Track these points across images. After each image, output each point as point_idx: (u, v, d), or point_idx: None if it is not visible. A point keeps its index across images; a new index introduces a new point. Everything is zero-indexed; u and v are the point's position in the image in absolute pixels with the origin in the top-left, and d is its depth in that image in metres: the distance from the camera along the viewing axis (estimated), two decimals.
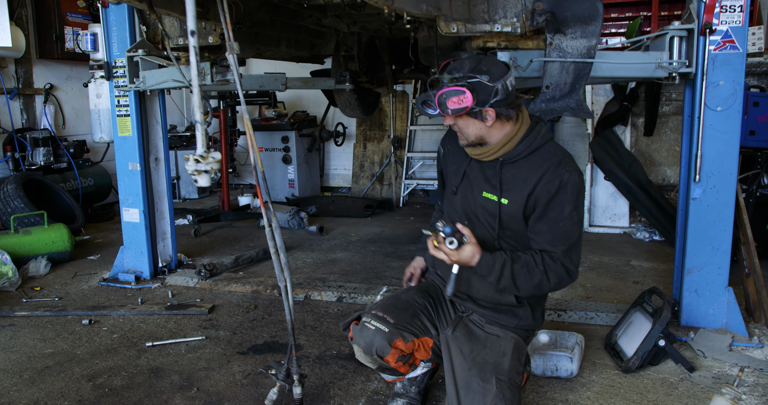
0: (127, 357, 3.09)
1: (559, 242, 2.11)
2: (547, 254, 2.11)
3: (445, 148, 2.47)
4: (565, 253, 2.11)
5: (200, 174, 1.63)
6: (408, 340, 2.23)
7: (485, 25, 2.67)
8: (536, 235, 2.15)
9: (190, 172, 1.63)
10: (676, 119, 5.58)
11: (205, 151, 1.66)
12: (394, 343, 2.19)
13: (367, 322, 2.24)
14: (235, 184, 8.12)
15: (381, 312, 2.27)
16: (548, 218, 2.11)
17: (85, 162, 6.45)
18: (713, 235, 3.21)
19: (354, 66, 4.83)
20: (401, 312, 2.30)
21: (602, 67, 2.89)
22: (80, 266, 4.75)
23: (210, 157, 1.63)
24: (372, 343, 2.19)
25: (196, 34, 1.72)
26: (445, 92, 2.00)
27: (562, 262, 2.10)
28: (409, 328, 2.26)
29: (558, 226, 2.11)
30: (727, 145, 3.12)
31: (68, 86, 6.93)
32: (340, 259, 4.90)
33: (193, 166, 1.62)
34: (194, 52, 1.72)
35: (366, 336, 2.20)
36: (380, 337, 2.18)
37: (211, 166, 1.63)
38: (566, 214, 2.10)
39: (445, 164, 2.48)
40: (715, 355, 3.00)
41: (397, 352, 2.21)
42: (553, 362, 2.79)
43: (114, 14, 3.99)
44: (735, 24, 3.01)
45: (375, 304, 2.37)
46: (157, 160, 4.32)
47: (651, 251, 5.01)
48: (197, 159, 1.61)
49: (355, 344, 2.25)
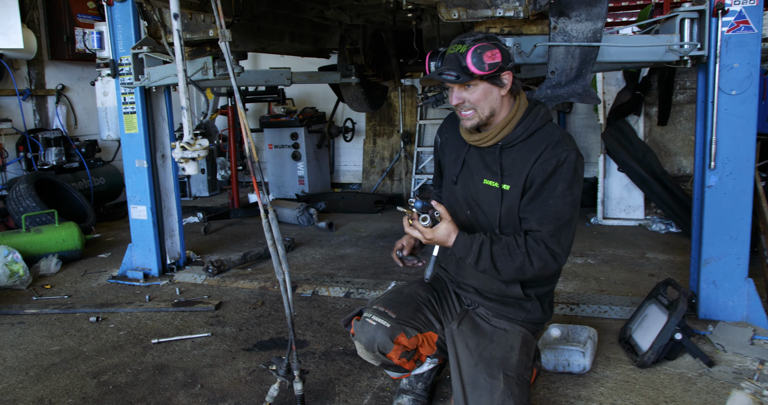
0: (133, 354, 3.08)
1: (546, 221, 2.01)
2: (532, 236, 2.02)
3: (443, 137, 2.40)
4: (551, 234, 2.00)
5: (187, 161, 1.58)
6: (411, 335, 2.16)
7: (487, 10, 2.60)
8: (526, 213, 2.06)
9: (177, 160, 1.59)
10: (690, 108, 5.44)
11: (192, 137, 1.61)
12: (397, 339, 2.12)
13: (368, 317, 2.17)
14: (246, 181, 8.11)
15: (382, 307, 2.20)
16: (540, 197, 2.03)
17: (96, 161, 6.48)
18: (731, 224, 3.10)
19: (360, 59, 4.77)
20: (403, 306, 2.22)
21: (609, 51, 2.79)
22: (90, 264, 4.76)
23: (197, 143, 1.58)
24: (373, 339, 2.12)
25: (180, 18, 1.67)
26: (480, 46, 1.95)
27: (547, 244, 2.00)
28: (412, 323, 2.19)
29: (548, 204, 2.02)
30: (743, 129, 3.01)
31: (80, 86, 6.97)
32: (349, 255, 4.85)
33: (180, 154, 1.58)
34: (178, 35, 1.68)
35: (367, 332, 2.13)
36: (382, 333, 2.11)
37: (198, 153, 1.58)
38: (558, 193, 2.01)
39: (442, 154, 2.40)
40: (735, 349, 2.89)
41: (400, 348, 2.14)
42: (564, 357, 2.71)
43: (119, 12, 3.98)
44: (749, 3, 2.90)
45: (377, 299, 2.29)
46: (164, 157, 4.31)
47: (667, 243, 4.89)
48: (184, 146, 1.56)
49: (357, 340, 2.18)
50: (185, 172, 1.65)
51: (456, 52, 2.00)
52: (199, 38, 3.20)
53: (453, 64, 2.00)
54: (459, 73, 1.97)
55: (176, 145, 1.60)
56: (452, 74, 1.97)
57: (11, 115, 6.22)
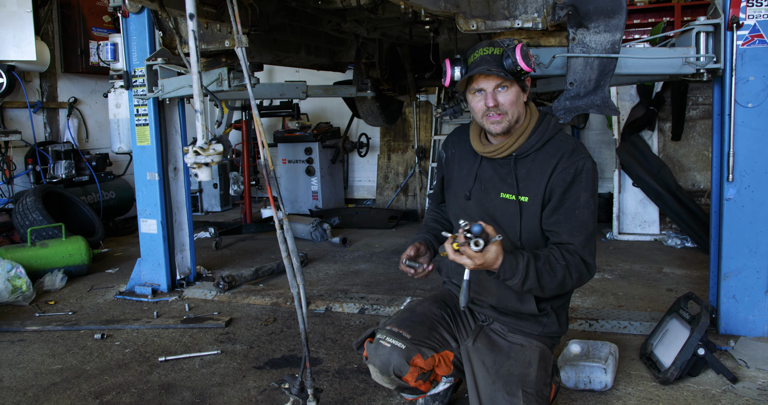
0: (138, 373, 3.01)
1: (577, 232, 1.98)
2: (564, 248, 1.98)
3: (449, 152, 2.35)
4: (583, 245, 1.98)
5: (200, 167, 1.54)
6: (427, 356, 2.08)
7: (505, 21, 2.58)
8: (553, 226, 2.02)
9: (189, 165, 1.55)
10: (704, 123, 5.40)
11: (206, 142, 1.57)
12: (413, 361, 2.04)
13: (381, 339, 2.09)
14: (258, 196, 8.11)
15: (396, 327, 2.12)
16: (564, 208, 2.00)
17: (107, 175, 6.49)
18: (750, 237, 3.06)
19: (375, 73, 4.77)
20: (418, 326, 2.15)
21: (627, 62, 2.77)
22: (97, 280, 4.73)
23: (211, 148, 1.55)
24: (389, 362, 2.04)
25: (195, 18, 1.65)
26: (524, 45, 1.96)
27: (581, 255, 1.97)
28: (427, 343, 2.11)
29: (575, 214, 1.99)
30: (760, 142, 2.99)
31: (92, 100, 7.02)
32: (363, 271, 4.80)
33: (193, 159, 1.54)
34: (193, 36, 1.65)
35: (381, 355, 2.05)
36: (397, 355, 2.03)
37: (212, 158, 1.54)
38: (582, 202, 2.00)
39: (448, 169, 2.35)
40: (758, 364, 2.82)
41: (417, 370, 2.06)
42: (585, 374, 2.64)
43: (134, 24, 4.00)
44: (762, 18, 2.91)
45: (389, 319, 2.21)
46: (176, 170, 4.29)
47: (683, 258, 4.81)
48: (197, 151, 1.52)
49: (371, 364, 2.10)
50: (198, 179, 1.61)
51: (490, 54, 2.01)
52: (214, 49, 3.19)
53: (492, 64, 1.98)
54: (504, 72, 1.97)
55: (189, 149, 1.56)
56: (501, 71, 1.96)
57: (21, 127, 6.24)
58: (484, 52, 2.02)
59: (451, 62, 2.05)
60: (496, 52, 2.00)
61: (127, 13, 4.03)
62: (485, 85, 2.01)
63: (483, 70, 1.96)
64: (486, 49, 2.03)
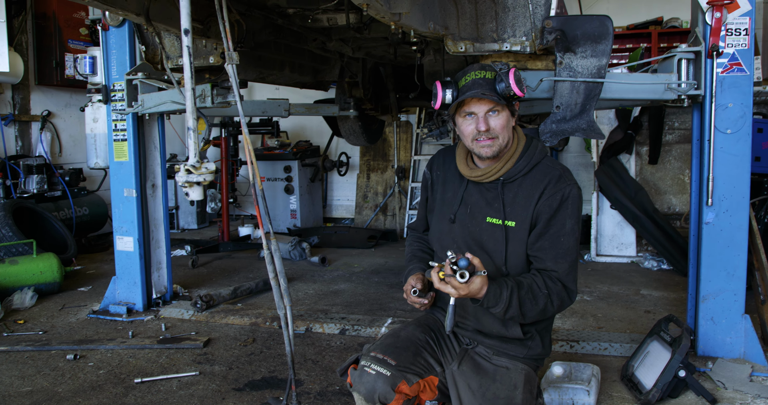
0: (113, 395, 2.91)
1: (561, 259, 2.00)
2: (548, 274, 1.99)
3: (434, 174, 2.33)
4: (567, 272, 2.00)
5: (192, 186, 1.50)
6: (413, 382, 2.04)
7: (494, 44, 2.61)
8: (538, 252, 2.03)
9: (180, 184, 1.51)
10: (679, 148, 5.52)
11: (198, 160, 1.53)
12: (398, 388, 1.99)
13: (366, 366, 2.04)
14: (236, 214, 8.01)
15: (381, 354, 2.07)
16: (549, 234, 2.01)
17: (80, 190, 6.35)
18: (728, 260, 3.11)
19: (358, 92, 4.78)
20: (402, 351, 2.10)
21: (612, 87, 2.82)
22: (69, 298, 4.59)
23: (203, 167, 1.51)
24: (374, 389, 1.98)
25: (190, 33, 1.63)
26: (516, 70, 1.97)
27: (564, 282, 1.99)
28: (412, 369, 2.07)
29: (560, 241, 2.01)
30: (738, 167, 3.05)
31: (67, 113, 6.89)
32: (343, 291, 4.75)
33: (185, 178, 1.49)
34: (188, 52, 1.63)
35: (366, 382, 2.00)
36: (382, 382, 1.98)
37: (204, 177, 1.50)
38: (567, 229, 2.01)
39: (433, 191, 2.33)
40: (735, 386, 2.86)
41: (402, 397, 2.01)
42: (569, 396, 2.64)
43: (114, 37, 3.96)
44: (741, 47, 2.99)
45: (373, 345, 2.16)
46: (154, 186, 4.22)
47: (660, 280, 4.88)
48: (189, 169, 1.48)
49: (355, 392, 2.04)
50: (189, 198, 1.57)
51: (483, 78, 2.01)
52: (198, 65, 3.16)
53: (485, 87, 1.99)
54: (497, 96, 1.97)
55: (180, 168, 1.52)
56: (494, 95, 1.96)
57: None
58: (476, 76, 2.02)
59: (442, 85, 2.03)
60: (489, 76, 2.01)
61: (107, 26, 3.98)
62: (477, 109, 2.01)
63: (478, 94, 1.96)
64: (478, 72, 2.03)
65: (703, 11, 2.91)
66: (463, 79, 2.05)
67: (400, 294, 4.59)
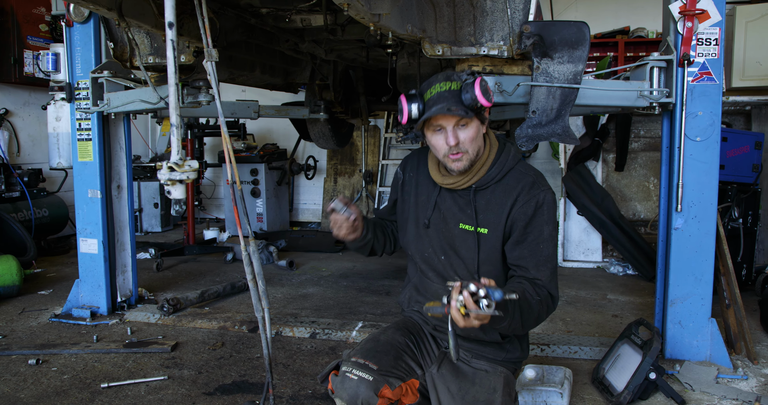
0: (79, 400, 2.81)
1: (543, 267, 1.99)
2: (532, 282, 1.97)
3: (406, 175, 2.29)
4: (550, 279, 2.00)
5: (174, 184, 1.45)
6: (395, 386, 2.00)
7: (471, 47, 2.62)
8: (518, 260, 2.01)
9: (163, 182, 1.45)
10: (645, 155, 5.65)
11: (181, 158, 1.48)
12: (381, 392, 1.96)
13: (348, 371, 2.00)
14: (201, 217, 7.87)
15: (362, 359, 2.04)
16: (528, 242, 2.00)
17: (40, 192, 6.13)
18: (696, 265, 3.17)
19: (329, 95, 4.75)
20: (383, 356, 2.07)
21: (587, 93, 2.85)
22: (29, 301, 4.42)
23: (186, 164, 1.46)
24: (356, 395, 1.94)
25: (175, 27, 1.58)
26: (482, 79, 1.88)
27: (548, 289, 1.98)
28: (394, 373, 2.04)
29: (539, 248, 2.00)
30: (707, 174, 3.12)
31: (25, 112, 6.65)
32: (312, 294, 4.70)
33: (167, 175, 1.44)
34: (171, 45, 1.58)
35: (349, 388, 1.96)
36: (365, 388, 1.94)
37: (187, 175, 1.45)
38: (546, 236, 2.00)
39: (405, 192, 2.28)
40: (702, 387, 2.92)
41: (385, 402, 1.97)
42: (542, 398, 2.65)
43: (79, 34, 3.83)
44: (711, 56, 3.05)
45: (354, 351, 2.12)
46: (119, 187, 4.11)
47: (626, 285, 4.97)
48: (171, 167, 1.43)
49: (338, 398, 2.00)
50: (171, 196, 1.51)
51: (447, 90, 1.92)
52: None
53: (451, 100, 1.90)
54: (464, 109, 1.89)
55: (163, 165, 1.47)
56: (461, 110, 1.88)
57: None
58: (441, 88, 1.93)
59: (407, 99, 1.95)
60: (454, 87, 1.92)
61: (71, 22, 3.86)
62: (444, 122, 1.94)
63: (443, 110, 1.88)
64: (443, 84, 1.94)
65: (674, 20, 2.98)
66: (428, 91, 1.96)
67: (370, 298, 4.58)
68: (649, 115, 5.61)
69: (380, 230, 2.33)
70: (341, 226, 2.12)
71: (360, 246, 2.27)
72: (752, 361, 3.20)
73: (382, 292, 4.77)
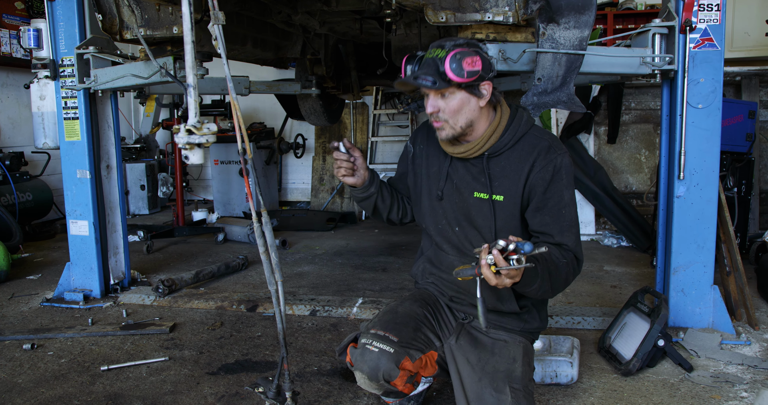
0: (79, 383, 2.74)
1: (567, 232, 1.96)
2: (557, 247, 1.94)
3: (417, 148, 2.24)
4: (575, 243, 1.96)
5: (193, 148, 1.38)
6: (415, 358, 1.97)
7: (476, 13, 2.55)
8: (541, 227, 1.97)
9: (181, 146, 1.38)
10: (636, 128, 5.65)
11: (198, 121, 1.41)
12: (402, 365, 1.92)
13: (368, 343, 1.96)
14: (188, 199, 7.75)
15: (381, 330, 2.00)
16: (549, 208, 1.96)
17: (23, 175, 5.96)
18: (698, 233, 3.17)
19: (321, 70, 4.65)
20: (403, 327, 2.04)
21: (590, 60, 2.80)
22: (18, 287, 4.31)
23: (204, 127, 1.39)
24: (377, 367, 1.91)
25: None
26: (460, 52, 1.80)
27: (575, 253, 1.95)
28: (414, 345, 2.01)
29: (562, 214, 1.96)
30: (708, 142, 3.10)
31: (4, 94, 6.45)
32: (308, 273, 4.65)
33: (185, 138, 1.37)
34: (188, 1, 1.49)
35: (369, 360, 1.92)
36: (386, 360, 1.91)
37: (206, 138, 1.38)
38: (567, 200, 1.97)
39: (416, 165, 2.23)
40: (707, 354, 2.94)
41: (406, 374, 1.94)
42: (552, 368, 2.64)
43: (62, 8, 3.69)
44: (713, 22, 3.02)
45: (372, 322, 2.09)
46: (108, 167, 3.99)
47: (621, 256, 5.00)
48: (190, 129, 1.36)
49: (357, 370, 1.96)
50: (189, 161, 1.45)
51: (434, 57, 1.87)
52: (160, 35, 2.98)
53: (430, 69, 1.86)
54: (436, 79, 1.83)
55: (181, 128, 1.39)
56: (429, 79, 1.83)
57: None
58: (430, 54, 1.89)
59: (407, 60, 1.94)
60: (440, 55, 1.85)
61: None
62: (426, 89, 1.90)
63: (409, 80, 1.86)
64: (435, 50, 1.89)
65: None
66: (427, 53, 1.93)
67: (367, 274, 4.55)
68: (641, 87, 5.60)
69: (387, 191, 2.27)
70: (340, 166, 2.09)
71: (363, 197, 2.22)
72: (753, 327, 3.23)
73: (378, 269, 4.74)
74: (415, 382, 2.09)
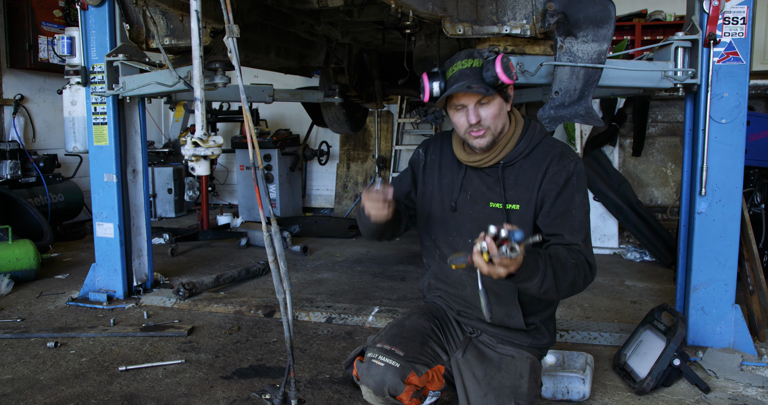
0: (98, 382, 2.82)
1: (576, 233, 1.93)
2: (568, 247, 1.90)
3: (428, 157, 2.23)
4: (585, 244, 1.93)
5: (198, 160, 1.42)
6: (422, 372, 1.98)
7: (493, 26, 2.56)
8: (552, 228, 1.95)
9: (187, 158, 1.43)
10: (662, 140, 5.56)
11: (205, 133, 1.45)
12: (408, 379, 1.94)
13: (374, 358, 1.98)
14: (214, 203, 7.88)
15: (388, 345, 2.01)
16: (560, 211, 1.95)
17: (55, 177, 6.15)
18: (720, 250, 3.11)
19: (344, 79, 4.70)
20: (409, 342, 2.05)
21: (610, 74, 2.78)
22: (46, 285, 4.44)
23: (210, 140, 1.43)
24: (383, 381, 1.92)
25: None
26: (504, 56, 1.85)
27: (585, 255, 1.91)
28: (420, 359, 2.02)
29: (572, 215, 1.95)
30: (732, 157, 3.04)
31: (40, 98, 6.66)
32: (327, 280, 4.69)
33: (191, 151, 1.41)
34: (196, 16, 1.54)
35: (375, 374, 1.94)
36: (392, 374, 1.92)
37: (212, 150, 1.42)
38: (577, 203, 1.96)
39: (426, 175, 2.22)
40: (727, 375, 2.87)
41: (412, 389, 1.95)
42: (564, 384, 2.62)
43: (94, 17, 3.80)
44: (738, 36, 2.97)
45: (378, 336, 2.10)
46: (135, 172, 4.09)
47: (643, 271, 4.91)
48: (196, 142, 1.40)
49: (363, 384, 1.98)
50: (195, 173, 1.49)
51: (470, 67, 1.91)
52: (184, 45, 3.06)
53: (472, 78, 1.89)
54: (485, 87, 1.87)
55: (187, 140, 1.44)
56: (481, 87, 1.86)
57: None
58: (462, 65, 1.92)
59: (429, 77, 1.93)
60: (476, 65, 1.90)
61: (86, 5, 3.83)
62: (466, 101, 1.92)
63: (462, 88, 1.86)
64: (464, 61, 1.93)
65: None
66: (450, 69, 1.95)
67: (385, 283, 4.56)
68: (667, 100, 5.51)
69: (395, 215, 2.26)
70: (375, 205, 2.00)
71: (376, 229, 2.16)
72: None
73: (397, 278, 4.75)
74: (423, 397, 2.10)
